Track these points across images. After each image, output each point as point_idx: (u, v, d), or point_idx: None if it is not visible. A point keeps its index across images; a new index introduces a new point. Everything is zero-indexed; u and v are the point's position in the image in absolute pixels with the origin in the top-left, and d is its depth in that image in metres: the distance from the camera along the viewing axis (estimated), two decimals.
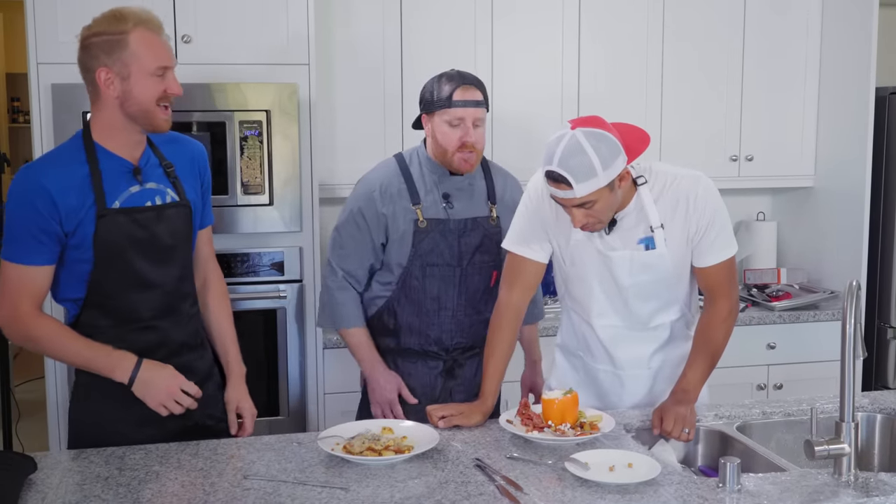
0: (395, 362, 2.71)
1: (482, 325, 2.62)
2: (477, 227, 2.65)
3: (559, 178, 2.12)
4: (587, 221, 2.19)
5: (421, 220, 2.59)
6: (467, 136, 2.55)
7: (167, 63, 2.20)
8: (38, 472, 1.97)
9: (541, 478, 1.95)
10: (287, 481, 1.92)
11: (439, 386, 2.70)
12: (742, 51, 3.92)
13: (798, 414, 2.42)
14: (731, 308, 2.37)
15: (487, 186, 2.72)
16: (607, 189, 2.14)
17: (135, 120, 2.20)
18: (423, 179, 2.64)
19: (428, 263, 2.62)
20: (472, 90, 2.58)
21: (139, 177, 2.23)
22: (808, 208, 4.11)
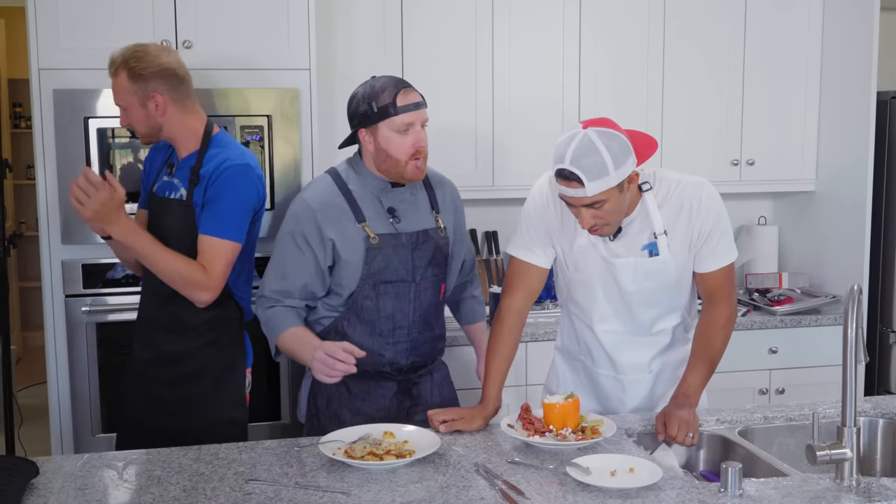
0: (347, 385, 2.49)
1: (434, 341, 2.59)
2: (428, 239, 2.51)
3: (571, 176, 2.11)
4: (595, 223, 2.19)
5: (372, 236, 2.42)
6: (420, 141, 2.40)
7: (117, 101, 2.58)
8: (41, 476, 1.97)
9: (542, 482, 1.95)
10: (288, 486, 1.92)
11: (395, 407, 2.53)
12: (743, 54, 3.92)
13: (800, 419, 2.42)
14: (730, 313, 2.37)
15: (429, 196, 2.57)
16: (617, 190, 2.15)
17: None
18: (363, 195, 2.47)
19: (381, 281, 2.45)
20: (412, 92, 2.41)
21: (171, 170, 2.63)
22: (810, 212, 4.11)
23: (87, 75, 3.07)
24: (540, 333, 3.48)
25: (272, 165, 3.21)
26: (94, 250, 3.12)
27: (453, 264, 2.61)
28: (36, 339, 6.39)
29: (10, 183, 6.60)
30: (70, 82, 3.07)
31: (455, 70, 3.68)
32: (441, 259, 2.54)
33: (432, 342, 2.59)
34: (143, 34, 3.10)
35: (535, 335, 3.47)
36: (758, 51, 3.93)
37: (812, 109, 4.01)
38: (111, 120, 3.07)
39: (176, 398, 2.59)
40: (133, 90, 2.51)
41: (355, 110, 2.44)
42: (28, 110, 6.69)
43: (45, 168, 3.10)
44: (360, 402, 2.50)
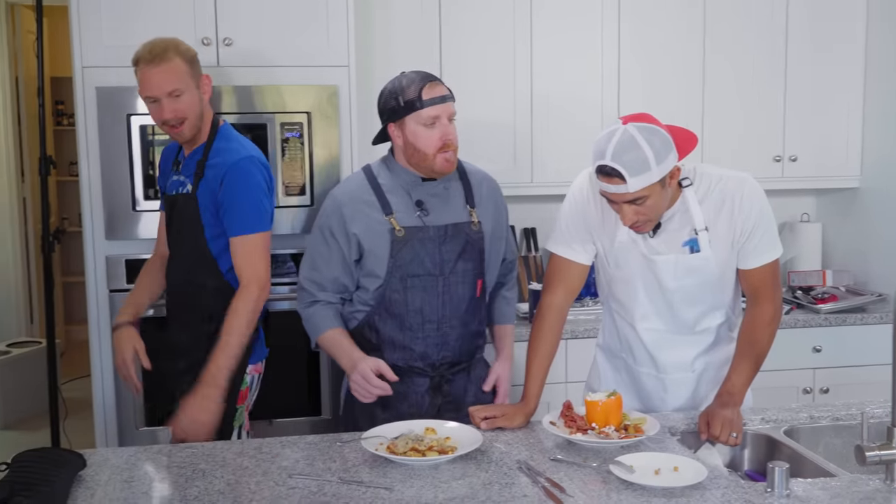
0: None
1: (469, 338, 2.57)
2: (458, 233, 2.49)
3: (612, 172, 2.09)
4: (637, 219, 2.17)
5: (398, 228, 2.44)
6: (447, 135, 2.41)
7: (154, 94, 2.54)
8: (87, 468, 1.99)
9: (585, 480, 1.94)
10: (331, 481, 1.93)
11: (427, 403, 2.52)
12: (785, 47, 3.87)
13: (846, 418, 2.38)
14: (775, 311, 2.34)
15: (465, 190, 2.56)
16: (659, 185, 2.12)
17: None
18: (393, 188, 2.49)
19: (408, 274, 2.46)
20: (439, 86, 2.42)
21: (177, 167, 2.69)
22: (854, 209, 4.05)
23: (130, 73, 3.05)
24: (580, 331, 3.46)
25: (311, 162, 3.23)
26: (137, 245, 3.16)
27: (491, 260, 2.60)
28: (78, 332, 6.48)
29: (53, 179, 6.70)
30: (113, 80, 3.10)
31: (493, 66, 3.67)
32: (474, 254, 2.53)
33: (466, 338, 2.57)
34: (184, 31, 3.12)
35: (575, 332, 3.45)
36: (800, 44, 3.88)
37: (856, 104, 3.95)
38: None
39: (175, 390, 2.65)
40: (190, 73, 2.57)
41: (384, 105, 2.47)
42: (70, 108, 6.79)
43: (89, 165, 3.14)
44: (392, 398, 2.49)
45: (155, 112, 2.57)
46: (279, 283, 3.27)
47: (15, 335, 5.83)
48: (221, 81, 3.17)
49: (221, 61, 3.18)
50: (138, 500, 1.84)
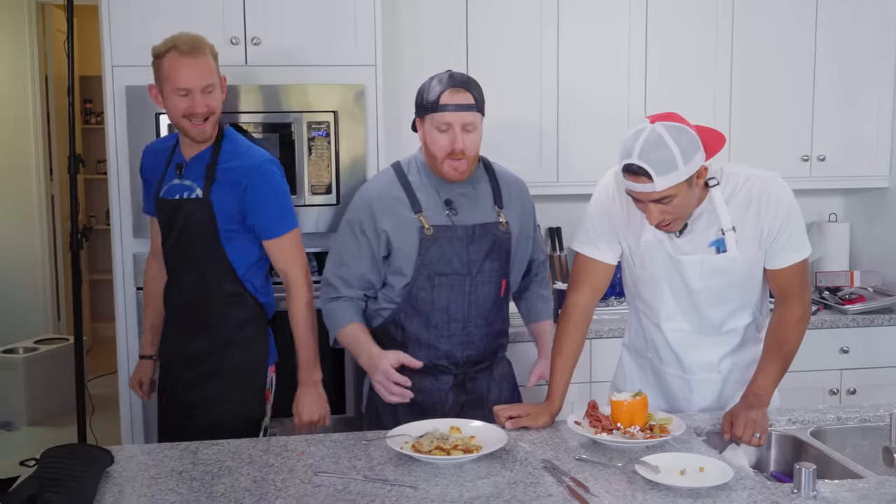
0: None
1: (493, 337, 2.58)
2: (486, 233, 2.50)
3: (639, 170, 2.09)
4: (663, 218, 2.16)
5: (427, 227, 2.45)
6: (455, 143, 2.39)
7: (187, 86, 2.49)
8: (115, 465, 2.02)
9: (610, 480, 1.94)
10: (357, 479, 1.94)
11: (450, 401, 2.53)
12: (814, 47, 3.84)
13: (874, 420, 2.36)
14: (803, 311, 2.32)
15: (493, 191, 2.56)
16: (686, 184, 2.11)
17: (176, 128, 2.64)
18: (423, 186, 2.49)
19: (436, 273, 2.46)
20: (462, 93, 2.39)
21: (180, 171, 2.61)
22: (883, 209, 4.01)
23: None
24: (605, 330, 3.46)
25: (338, 161, 3.24)
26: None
27: (516, 260, 2.60)
28: (105, 329, 6.53)
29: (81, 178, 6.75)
30: (142, 79, 3.10)
31: (520, 65, 3.67)
32: (501, 254, 2.53)
33: (490, 337, 2.57)
34: (212, 30, 3.13)
35: (599, 332, 3.45)
36: (829, 43, 3.85)
37: (886, 104, 3.91)
38: None
39: (194, 398, 2.61)
40: (217, 71, 2.57)
41: (416, 99, 2.49)
42: (98, 106, 6.85)
43: (118, 163, 3.16)
44: (416, 394, 2.48)
45: (183, 104, 2.50)
46: None
47: (42, 332, 5.89)
48: (249, 80, 3.19)
49: (249, 60, 3.19)
50: (165, 497, 1.86)
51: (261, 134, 3.20)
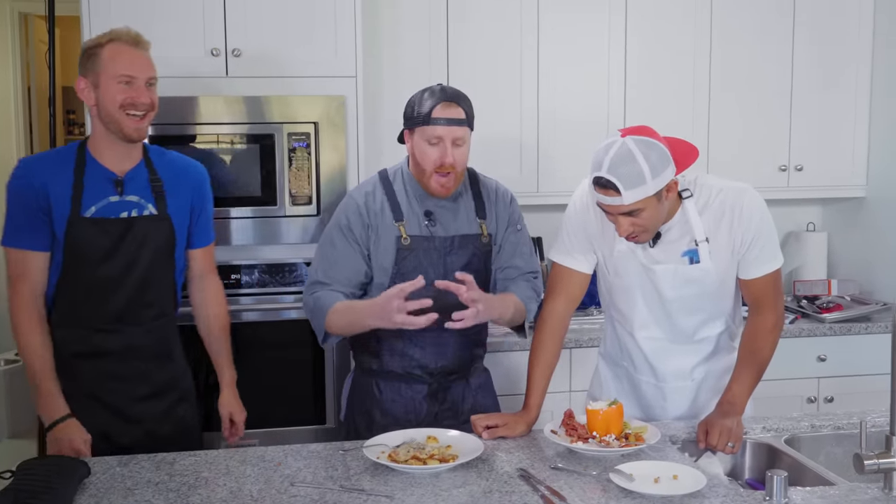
0: (378, 385, 2.53)
1: (468, 347, 2.57)
2: (465, 245, 2.48)
3: (608, 184, 2.11)
4: (633, 230, 2.19)
5: (404, 237, 2.44)
6: (445, 157, 2.37)
7: (131, 72, 2.36)
8: (91, 476, 2.02)
9: (585, 488, 1.95)
10: (333, 489, 1.94)
11: (424, 410, 2.52)
12: (791, 58, 3.88)
13: (848, 427, 2.39)
14: (776, 320, 2.35)
15: (475, 202, 2.55)
16: (655, 198, 2.14)
17: (108, 128, 2.39)
18: (406, 196, 2.49)
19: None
20: (454, 108, 2.38)
21: (120, 188, 2.41)
22: (860, 219, 4.05)
23: None
24: (584, 340, 3.47)
25: (318, 172, 3.25)
26: None
27: (500, 267, 2.57)
28: None
29: None
30: None
31: (500, 77, 3.69)
32: (479, 266, 2.52)
33: (465, 348, 2.56)
34: (193, 42, 3.17)
35: (579, 341, 3.46)
36: (806, 54, 3.89)
37: (862, 113, 3.96)
38: (162, 127, 3.13)
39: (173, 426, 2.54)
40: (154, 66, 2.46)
41: (406, 111, 2.47)
42: (81, 117, 6.84)
43: None
44: (390, 404, 2.51)
45: (124, 93, 2.33)
46: (285, 291, 3.29)
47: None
48: (229, 91, 3.20)
49: (230, 72, 3.21)
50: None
51: (242, 145, 3.21)
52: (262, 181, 3.23)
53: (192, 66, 3.18)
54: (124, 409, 2.46)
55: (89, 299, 2.41)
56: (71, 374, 2.42)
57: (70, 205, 2.35)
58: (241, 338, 3.27)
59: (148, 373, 2.49)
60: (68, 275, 2.39)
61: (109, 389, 2.44)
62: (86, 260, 2.38)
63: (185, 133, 3.17)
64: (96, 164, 2.41)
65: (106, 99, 2.36)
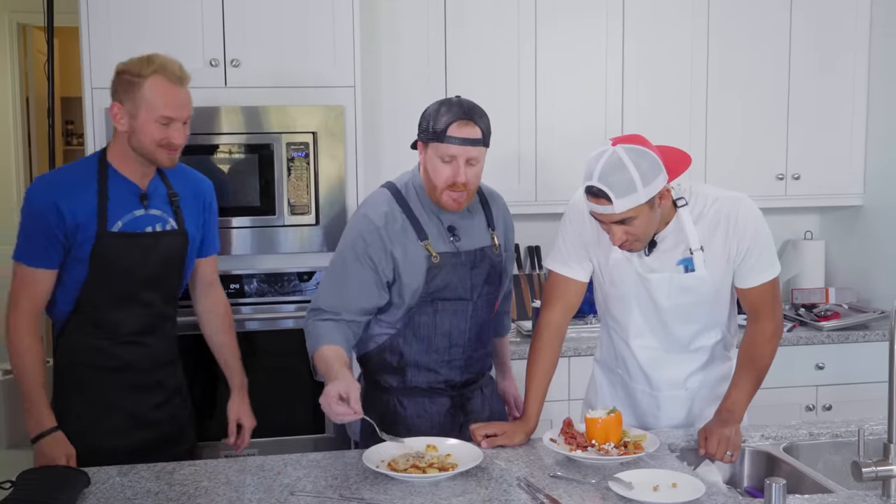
0: (401, 402, 2.48)
1: (486, 357, 2.59)
2: (484, 257, 2.47)
3: (599, 192, 2.12)
4: (626, 239, 2.20)
5: (434, 255, 2.38)
6: (458, 177, 2.31)
7: (173, 115, 2.35)
8: (91, 486, 2.02)
9: (584, 497, 1.96)
10: (333, 497, 1.95)
11: (448, 422, 2.49)
12: (788, 67, 3.90)
13: (846, 435, 2.39)
14: (775, 328, 2.36)
15: (486, 214, 2.54)
16: (647, 206, 2.15)
17: (138, 153, 2.39)
18: (424, 212, 2.42)
19: (439, 298, 2.41)
20: (471, 126, 2.31)
21: (145, 202, 2.43)
22: (858, 227, 4.07)
23: None
24: (583, 348, 3.48)
25: (317, 182, 3.26)
26: None
27: (505, 281, 2.61)
28: None
29: None
30: None
31: (498, 86, 3.70)
32: (496, 277, 2.53)
33: (484, 359, 2.59)
34: (192, 53, 3.17)
35: (577, 350, 3.47)
36: (803, 62, 3.91)
37: (859, 122, 3.97)
38: None
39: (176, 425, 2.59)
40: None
41: (420, 122, 2.41)
42: (80, 127, 6.85)
43: None
44: (416, 419, 2.47)
45: (162, 133, 2.34)
46: (284, 301, 3.30)
47: None
48: (228, 102, 3.21)
49: (229, 82, 3.22)
50: None
51: (241, 155, 3.22)
52: (261, 191, 3.24)
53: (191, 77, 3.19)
54: (143, 415, 2.49)
55: (115, 312, 2.42)
56: (89, 385, 2.44)
57: (96, 220, 2.35)
58: (240, 347, 3.28)
59: (163, 381, 2.54)
60: (92, 289, 2.39)
61: (131, 399, 2.47)
62: (112, 274, 2.38)
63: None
64: (120, 176, 2.40)
65: (142, 134, 2.35)
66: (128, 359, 2.45)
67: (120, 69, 2.39)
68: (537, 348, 2.42)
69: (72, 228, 2.33)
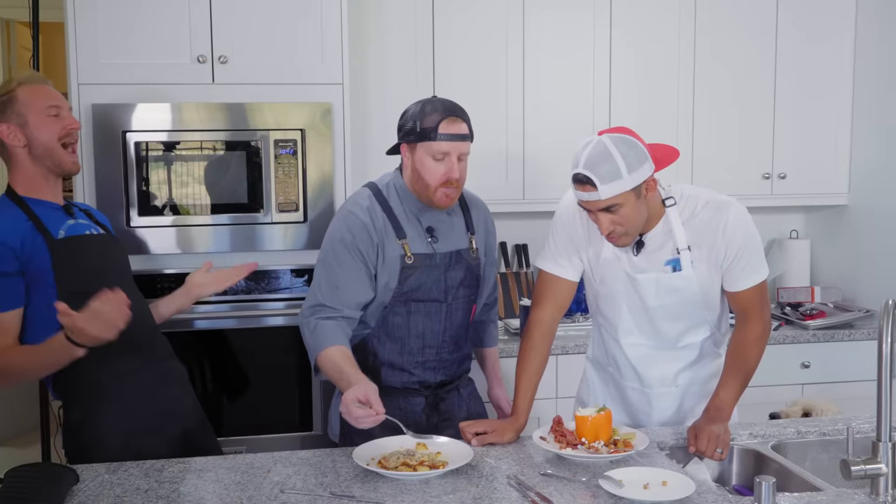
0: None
1: (462, 361, 2.59)
2: (461, 260, 2.49)
3: (584, 179, 2.14)
4: (613, 229, 2.21)
5: (408, 255, 2.42)
6: (452, 172, 2.36)
7: (57, 102, 2.34)
8: (80, 483, 2.01)
9: (574, 495, 1.96)
10: (323, 495, 1.94)
11: (423, 422, 2.50)
12: (774, 67, 3.92)
13: (833, 433, 2.41)
14: (763, 328, 2.37)
15: (465, 217, 2.56)
16: (633, 194, 2.17)
17: (44, 164, 2.33)
18: (404, 212, 2.45)
19: (413, 299, 2.44)
20: (459, 123, 2.37)
21: (71, 211, 2.40)
22: (843, 226, 4.09)
23: (125, 90, 3.13)
24: (570, 346, 3.49)
25: (305, 179, 3.25)
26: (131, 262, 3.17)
27: (484, 286, 2.62)
28: None
29: None
30: (108, 97, 3.13)
31: (486, 85, 3.71)
32: (472, 280, 2.54)
33: (460, 361, 2.59)
34: (179, 49, 3.17)
35: (565, 348, 3.48)
36: (789, 63, 3.93)
37: (845, 122, 4.00)
38: (148, 134, 3.13)
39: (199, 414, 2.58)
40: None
41: (403, 124, 2.43)
42: None
43: (84, 181, 3.15)
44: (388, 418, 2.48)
45: (58, 124, 2.32)
46: (272, 298, 3.29)
47: None
48: (216, 98, 3.20)
49: (216, 79, 3.21)
50: None
51: (229, 151, 3.21)
52: (249, 188, 3.23)
53: (178, 73, 3.18)
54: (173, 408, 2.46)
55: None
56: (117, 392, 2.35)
57: (42, 237, 2.26)
58: (227, 344, 3.27)
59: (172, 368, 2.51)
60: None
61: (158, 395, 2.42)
62: (82, 280, 2.28)
63: (172, 140, 3.17)
64: (36, 201, 2.33)
65: (40, 135, 2.31)
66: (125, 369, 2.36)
67: None
68: (528, 347, 2.42)
69: (20, 250, 2.22)
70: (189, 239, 3.21)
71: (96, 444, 2.30)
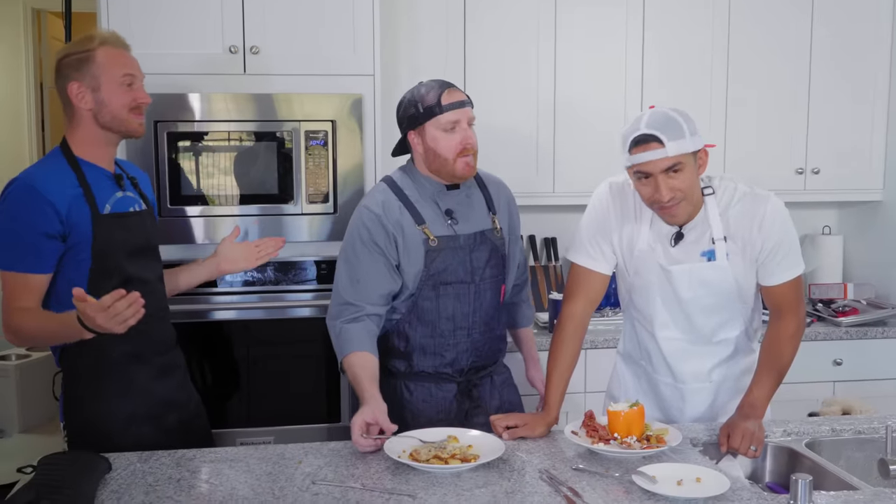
0: (408, 387, 2.52)
1: (494, 342, 2.59)
2: (485, 240, 2.51)
3: (650, 138, 2.14)
4: (674, 195, 2.18)
5: (432, 238, 2.44)
6: (468, 139, 2.41)
7: (133, 71, 2.34)
8: (113, 472, 2.02)
9: (608, 490, 1.94)
10: (355, 487, 1.94)
11: (454, 409, 2.52)
12: (809, 59, 3.87)
13: (869, 432, 2.38)
14: (798, 325, 2.34)
15: (485, 197, 2.58)
16: (692, 159, 2.18)
17: (109, 129, 2.33)
18: (420, 198, 2.48)
19: (441, 282, 2.46)
20: (457, 92, 2.43)
21: (122, 183, 2.39)
22: (877, 222, 4.04)
23: (158, 80, 3.11)
24: (600, 340, 3.47)
25: (335, 170, 3.25)
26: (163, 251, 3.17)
27: (511, 265, 2.62)
28: None
29: None
30: None
31: (517, 75, 3.69)
32: (499, 260, 2.55)
33: (493, 343, 2.59)
34: (212, 39, 3.17)
35: (594, 342, 3.46)
36: (824, 56, 3.88)
37: (880, 117, 3.94)
38: (181, 124, 3.13)
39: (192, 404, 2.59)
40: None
41: (403, 114, 2.47)
42: None
43: None
44: (421, 404, 2.50)
45: (129, 95, 2.31)
46: (299, 289, 3.29)
47: None
48: (247, 89, 3.20)
49: (248, 69, 3.21)
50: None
51: (259, 142, 3.21)
52: (279, 179, 3.23)
53: (210, 64, 3.18)
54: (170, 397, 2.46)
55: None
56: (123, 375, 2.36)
57: (87, 207, 2.26)
58: (255, 335, 3.28)
59: (174, 359, 2.52)
60: (97, 278, 2.27)
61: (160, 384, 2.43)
62: (115, 257, 2.30)
63: (203, 130, 3.17)
64: (89, 164, 2.33)
65: (111, 102, 2.30)
66: (138, 346, 2.37)
67: (63, 54, 2.32)
68: (560, 340, 2.41)
69: (66, 217, 2.22)
70: (217, 229, 3.21)
71: (96, 425, 2.32)
